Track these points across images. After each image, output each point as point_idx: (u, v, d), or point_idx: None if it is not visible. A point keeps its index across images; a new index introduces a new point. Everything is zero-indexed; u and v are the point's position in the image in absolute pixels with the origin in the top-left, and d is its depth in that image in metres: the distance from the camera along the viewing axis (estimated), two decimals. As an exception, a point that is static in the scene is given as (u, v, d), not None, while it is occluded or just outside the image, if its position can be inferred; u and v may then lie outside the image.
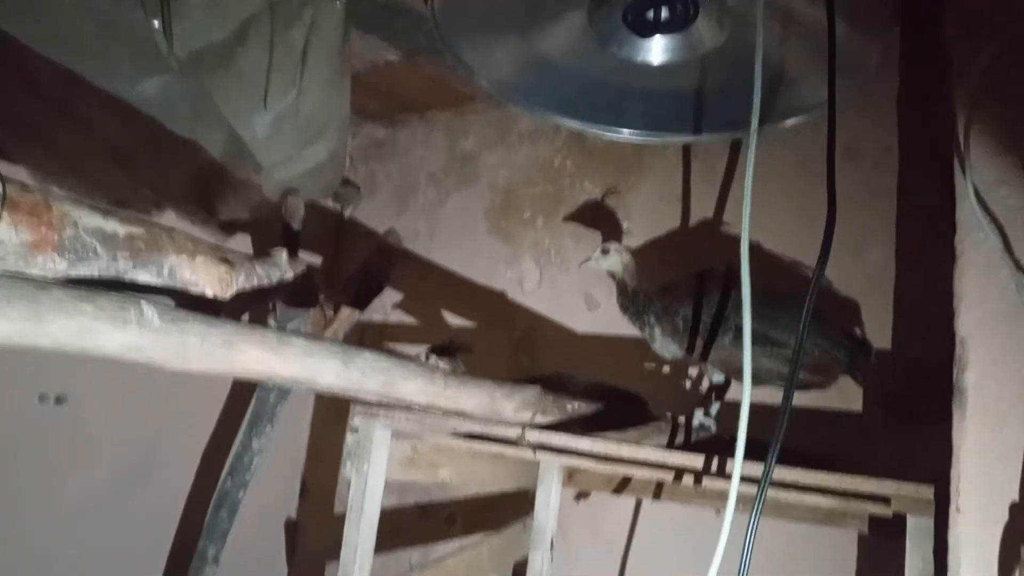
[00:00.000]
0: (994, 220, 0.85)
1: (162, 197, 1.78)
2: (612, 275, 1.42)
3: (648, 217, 1.86)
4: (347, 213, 2.25)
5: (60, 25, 1.42)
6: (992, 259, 0.85)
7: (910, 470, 0.94)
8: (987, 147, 0.87)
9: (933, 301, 0.98)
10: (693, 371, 1.69)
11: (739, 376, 1.25)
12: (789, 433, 1.05)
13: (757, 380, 1.20)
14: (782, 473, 0.96)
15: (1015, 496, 0.80)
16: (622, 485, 1.50)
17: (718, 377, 1.48)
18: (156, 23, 1.44)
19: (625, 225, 1.90)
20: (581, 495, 1.74)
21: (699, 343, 1.32)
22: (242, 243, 1.92)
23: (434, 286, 2.16)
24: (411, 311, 2.18)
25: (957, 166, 0.88)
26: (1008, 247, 0.84)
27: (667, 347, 1.37)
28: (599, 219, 1.93)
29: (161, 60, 1.48)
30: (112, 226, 0.84)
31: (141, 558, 1.89)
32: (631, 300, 1.39)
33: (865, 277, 1.54)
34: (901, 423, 1.41)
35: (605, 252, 1.41)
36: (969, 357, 0.85)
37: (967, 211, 0.86)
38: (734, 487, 0.84)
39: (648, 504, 1.68)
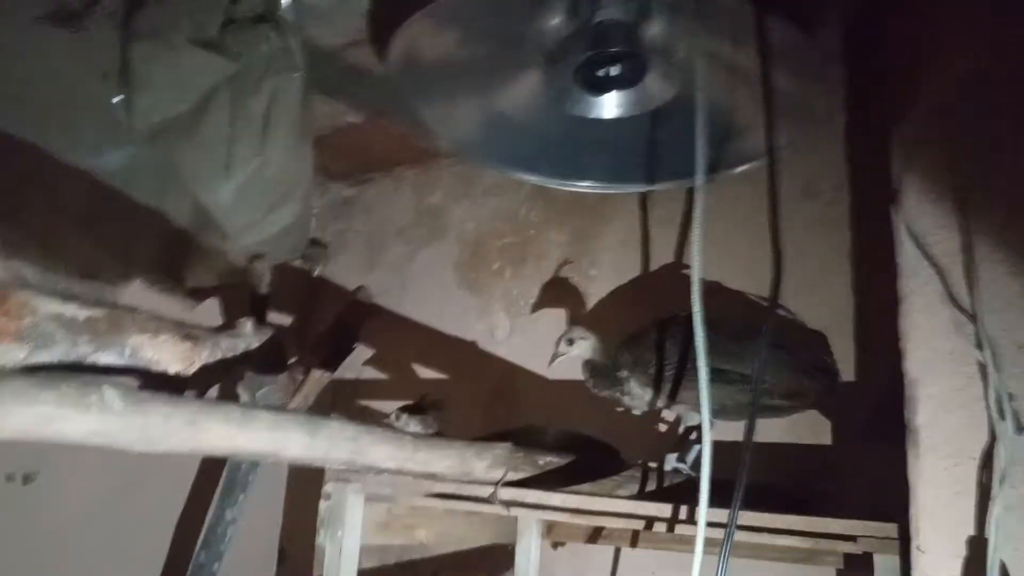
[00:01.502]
0: (934, 263, 0.88)
1: (128, 267, 1.78)
2: (584, 361, 1.42)
3: (613, 264, 1.89)
4: (316, 272, 2.26)
5: (22, 98, 1.43)
6: (934, 301, 0.88)
7: (882, 501, 0.95)
8: (924, 193, 0.91)
9: (893, 331, 1.00)
10: (669, 415, 1.70)
11: (722, 416, 1.27)
12: (762, 469, 1.07)
13: (731, 414, 1.22)
14: (750, 518, 0.97)
15: (972, 531, 0.82)
16: (598, 535, 1.50)
17: (694, 420, 1.49)
18: (117, 98, 1.46)
19: (592, 272, 1.92)
20: (557, 544, 1.74)
21: (671, 388, 1.33)
22: (211, 309, 1.92)
23: (407, 341, 2.17)
24: (384, 367, 2.18)
25: (894, 211, 0.92)
26: (949, 289, 0.87)
27: (642, 398, 1.38)
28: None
29: (123, 132, 1.50)
30: (72, 311, 0.84)
31: (116, 636, 1.85)
32: (602, 373, 1.39)
33: (827, 309, 1.56)
34: (871, 448, 1.42)
35: (571, 342, 1.40)
36: (919, 396, 0.87)
37: (907, 255, 0.89)
38: (700, 538, 0.85)
39: (628, 550, 1.68)
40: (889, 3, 1.05)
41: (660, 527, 1.09)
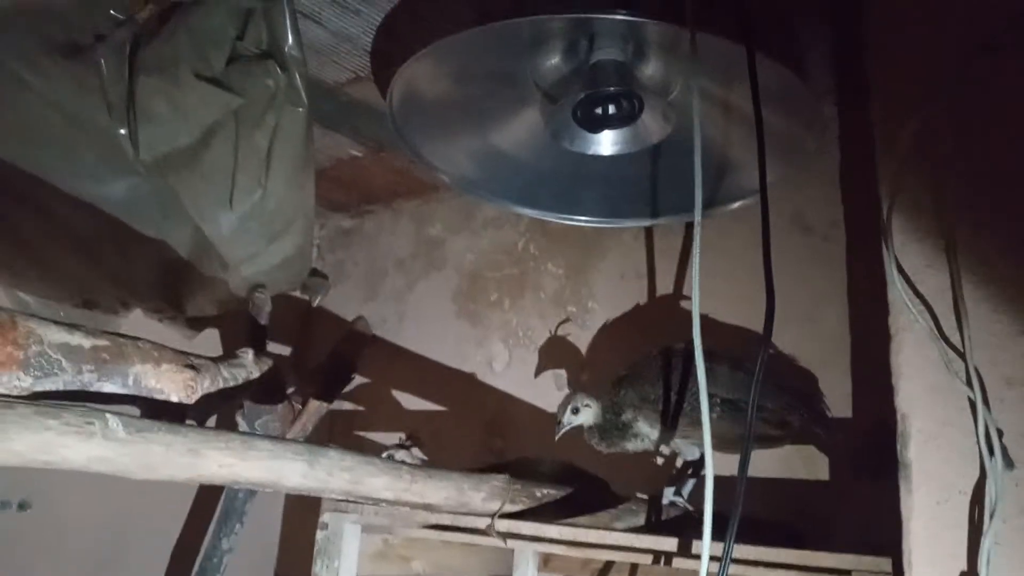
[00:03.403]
0: (923, 301, 0.90)
1: (129, 295, 1.80)
2: (584, 429, 1.38)
3: (610, 297, 1.90)
4: (315, 303, 2.28)
5: (24, 126, 1.45)
6: (923, 338, 0.89)
7: (878, 536, 0.96)
8: (912, 231, 0.93)
9: (887, 369, 1.01)
10: (665, 449, 1.70)
11: (725, 448, 1.27)
12: (759, 504, 1.07)
13: (735, 445, 1.22)
14: (745, 551, 0.98)
15: (964, 566, 0.83)
16: (601, 569, 1.50)
17: (694, 454, 1.49)
18: (122, 129, 1.48)
19: (590, 304, 1.94)
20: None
21: (676, 422, 1.32)
22: (210, 338, 1.93)
23: (404, 372, 2.17)
24: (381, 398, 2.18)
25: (884, 248, 0.94)
26: (938, 326, 0.89)
27: (649, 437, 1.36)
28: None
29: (127, 163, 1.52)
30: (77, 340, 0.85)
31: (107, 669, 1.83)
32: (609, 429, 1.36)
33: (822, 344, 1.57)
34: (867, 482, 1.43)
35: (576, 411, 1.36)
36: (910, 431, 0.89)
37: (897, 292, 0.91)
38: (704, 569, 0.86)
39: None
40: (872, 41, 1.08)
41: (658, 560, 1.09)
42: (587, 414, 1.36)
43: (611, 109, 1.26)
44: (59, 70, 1.42)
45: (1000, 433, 0.84)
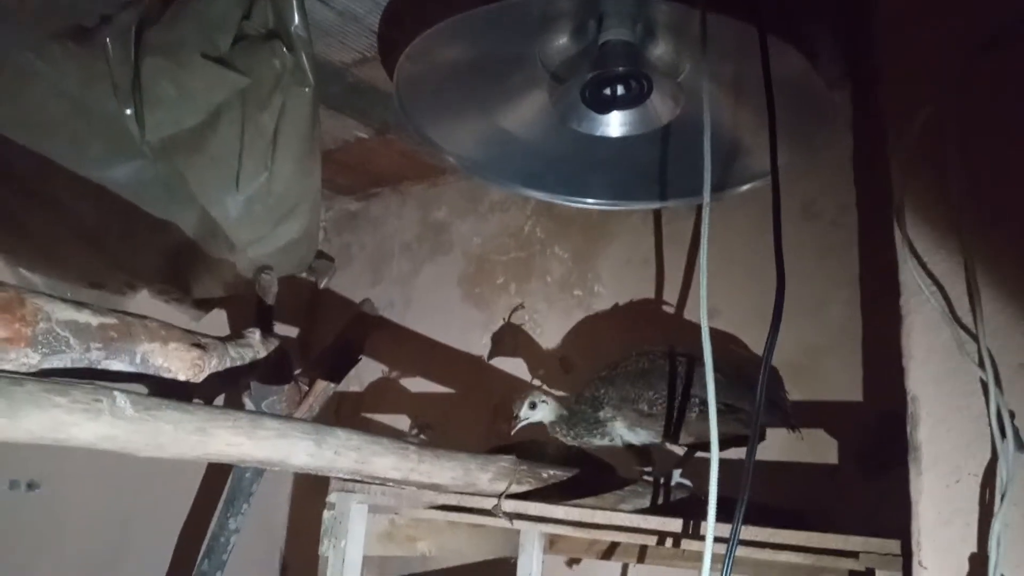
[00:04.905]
0: (935, 282, 0.89)
1: (136, 277, 1.80)
2: (546, 424, 1.37)
3: (616, 281, 1.90)
4: (322, 285, 2.28)
5: (32, 110, 1.45)
6: (935, 319, 0.89)
7: (887, 521, 0.96)
8: (924, 213, 0.92)
9: (898, 353, 1.01)
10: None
11: (701, 448, 1.26)
12: (768, 490, 1.07)
13: (724, 445, 1.22)
14: (752, 533, 0.98)
15: (974, 548, 0.83)
16: (606, 550, 1.50)
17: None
18: (128, 111, 1.48)
19: (596, 288, 1.93)
20: (573, 561, 1.74)
21: (666, 425, 1.30)
22: (217, 319, 1.93)
23: (410, 355, 2.18)
24: (387, 380, 2.18)
25: (897, 231, 0.93)
26: (950, 307, 0.88)
27: (624, 436, 1.34)
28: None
29: (134, 145, 1.52)
30: (85, 317, 0.85)
31: (116, 647, 1.85)
32: (579, 422, 1.34)
33: (830, 331, 1.57)
34: (876, 473, 1.43)
35: (533, 406, 1.35)
36: (920, 414, 0.88)
37: (908, 274, 0.91)
38: (708, 550, 0.86)
39: (635, 568, 1.67)
40: (881, 34, 1.06)
41: (664, 541, 1.09)
42: (544, 411, 1.35)
43: (620, 90, 1.25)
44: (66, 55, 1.42)
45: (1012, 415, 0.83)
